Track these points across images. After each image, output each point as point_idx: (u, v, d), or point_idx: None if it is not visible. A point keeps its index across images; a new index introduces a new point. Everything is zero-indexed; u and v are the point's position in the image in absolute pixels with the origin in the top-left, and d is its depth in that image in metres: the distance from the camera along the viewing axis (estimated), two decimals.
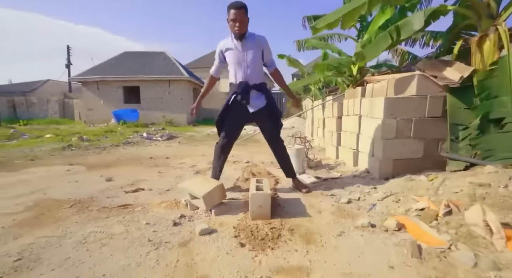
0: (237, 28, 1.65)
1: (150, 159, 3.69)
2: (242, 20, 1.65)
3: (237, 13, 1.63)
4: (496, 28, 1.74)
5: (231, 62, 1.78)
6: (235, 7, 1.64)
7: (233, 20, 1.64)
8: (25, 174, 2.75)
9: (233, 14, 1.63)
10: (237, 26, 1.65)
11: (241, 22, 1.65)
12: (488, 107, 1.72)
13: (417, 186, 1.75)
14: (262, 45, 1.77)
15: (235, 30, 1.67)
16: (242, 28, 1.66)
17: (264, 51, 1.79)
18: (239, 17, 1.63)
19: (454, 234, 1.14)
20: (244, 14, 1.66)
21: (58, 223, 1.40)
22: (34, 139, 5.94)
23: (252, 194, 1.46)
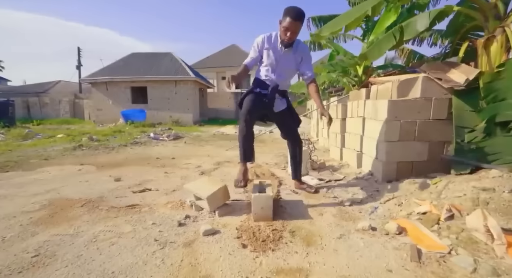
0: (287, 37, 1.60)
1: (157, 159, 3.78)
2: (295, 32, 1.60)
3: (293, 24, 1.56)
4: (504, 30, 1.71)
5: (267, 62, 1.75)
6: (294, 17, 1.55)
7: (286, 29, 1.58)
8: (40, 173, 2.87)
9: (288, 23, 1.55)
10: (288, 36, 1.59)
11: (293, 33, 1.59)
12: (495, 110, 1.70)
13: (420, 190, 1.74)
14: (303, 54, 1.75)
15: (284, 38, 1.62)
16: (292, 38, 1.62)
17: (303, 59, 1.76)
18: (293, 28, 1.57)
19: (455, 239, 1.15)
20: (300, 25, 1.60)
21: (71, 222, 1.47)
22: (47, 138, 6.15)
23: (255, 196, 1.48)
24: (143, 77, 12.11)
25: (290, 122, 1.95)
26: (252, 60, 1.77)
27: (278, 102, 1.84)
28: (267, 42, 1.71)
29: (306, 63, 1.78)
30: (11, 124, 9.36)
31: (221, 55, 21.06)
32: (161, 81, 12.10)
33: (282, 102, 1.87)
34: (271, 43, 1.71)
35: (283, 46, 1.67)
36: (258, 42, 1.73)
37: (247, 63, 1.77)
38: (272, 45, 1.71)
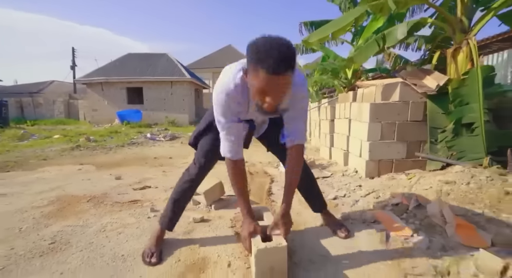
0: (268, 106, 0.81)
1: (154, 159, 3.91)
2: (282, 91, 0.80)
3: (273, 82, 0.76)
4: (468, 42, 1.92)
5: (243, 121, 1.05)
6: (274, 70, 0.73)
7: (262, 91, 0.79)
8: (41, 172, 2.98)
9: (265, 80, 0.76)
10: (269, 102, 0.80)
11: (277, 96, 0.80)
12: (461, 113, 1.90)
13: (396, 184, 1.94)
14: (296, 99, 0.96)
15: (261, 106, 0.83)
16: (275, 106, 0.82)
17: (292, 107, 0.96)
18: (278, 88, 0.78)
19: (418, 224, 1.33)
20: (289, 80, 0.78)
21: (79, 215, 1.61)
22: (43, 139, 6.20)
23: (259, 250, 0.88)
24: (139, 78, 12.16)
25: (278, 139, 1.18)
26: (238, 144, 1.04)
27: (259, 128, 1.23)
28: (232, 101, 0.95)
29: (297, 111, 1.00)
30: (4, 125, 9.33)
31: (217, 56, 21.17)
32: (157, 82, 12.17)
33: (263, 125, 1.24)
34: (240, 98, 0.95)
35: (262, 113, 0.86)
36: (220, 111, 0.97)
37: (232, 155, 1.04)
38: (243, 101, 0.96)
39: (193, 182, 1.23)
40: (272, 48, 0.73)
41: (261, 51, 0.74)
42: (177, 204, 1.24)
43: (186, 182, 1.22)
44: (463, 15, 1.96)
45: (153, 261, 1.09)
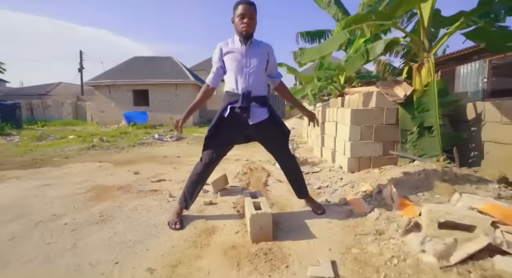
0: (245, 25, 1.41)
1: (164, 157, 4.35)
2: (252, 17, 1.43)
3: (247, 9, 1.41)
4: (429, 60, 2.32)
5: (231, 68, 1.51)
6: (246, 2, 1.42)
7: (242, 15, 1.41)
8: (67, 168, 3.42)
9: (242, 9, 1.41)
10: (246, 22, 1.41)
11: (250, 19, 1.42)
12: (423, 118, 2.31)
13: (370, 177, 2.35)
14: (269, 53, 1.56)
15: (242, 28, 1.42)
16: (251, 25, 1.43)
17: (270, 60, 1.57)
18: (248, 13, 1.41)
19: (377, 204, 1.74)
20: (254, 12, 1.45)
21: (114, 199, 2.05)
22: (59, 139, 6.68)
23: (253, 215, 1.30)
24: (145, 81, 12.64)
25: (275, 136, 1.63)
26: (214, 75, 1.55)
27: (256, 111, 1.53)
28: (225, 47, 1.52)
29: (274, 64, 1.62)
30: (18, 126, 9.84)
31: None
32: (162, 84, 12.65)
33: (261, 111, 1.55)
34: (230, 46, 1.52)
35: (243, 41, 1.48)
36: (215, 52, 1.54)
37: (210, 81, 1.57)
38: (231, 47, 1.51)
39: (200, 176, 1.60)
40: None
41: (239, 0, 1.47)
42: (190, 191, 1.62)
43: (195, 175, 1.61)
44: (425, 38, 2.36)
45: (177, 227, 1.54)
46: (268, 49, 1.57)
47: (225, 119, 1.54)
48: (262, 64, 1.54)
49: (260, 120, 1.55)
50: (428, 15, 2.26)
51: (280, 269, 1.12)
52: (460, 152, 2.30)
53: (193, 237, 1.44)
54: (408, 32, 2.48)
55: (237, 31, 1.49)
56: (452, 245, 0.97)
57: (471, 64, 4.15)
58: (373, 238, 1.34)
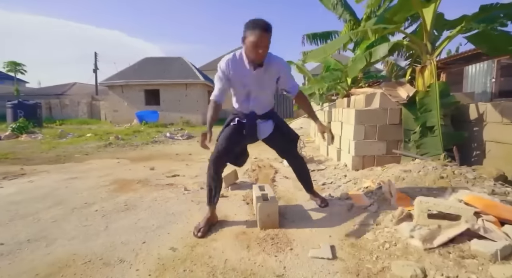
0: (259, 55, 1.34)
1: (176, 155, 4.58)
2: (267, 46, 1.34)
3: (264, 38, 1.30)
4: (431, 62, 2.41)
5: (238, 90, 1.52)
6: (263, 28, 1.30)
7: (256, 45, 1.31)
8: (88, 164, 3.70)
9: (258, 36, 1.29)
10: (261, 53, 1.33)
11: (265, 48, 1.33)
12: (425, 118, 2.40)
13: (372, 174, 2.46)
14: (279, 71, 1.49)
15: (254, 57, 1.36)
16: (264, 55, 1.37)
17: (281, 78, 1.52)
18: (265, 42, 1.32)
19: (376, 199, 1.87)
20: (269, 39, 1.34)
21: (135, 191, 2.27)
22: (78, 137, 7.07)
23: (261, 204, 1.46)
24: (156, 81, 13.04)
25: (283, 144, 1.72)
26: (220, 93, 1.50)
27: (262, 127, 1.61)
28: (232, 65, 1.46)
29: (286, 80, 1.53)
30: (39, 125, 10.39)
31: None
32: (173, 84, 13.01)
33: (267, 125, 1.62)
34: (237, 65, 1.45)
35: (253, 66, 1.42)
36: (222, 68, 1.48)
37: (217, 99, 1.49)
38: (239, 67, 1.45)
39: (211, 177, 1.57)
40: (261, 20, 1.34)
41: (255, 21, 1.33)
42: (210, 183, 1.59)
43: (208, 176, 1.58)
44: (427, 41, 2.44)
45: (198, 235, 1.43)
46: (279, 68, 1.49)
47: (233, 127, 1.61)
48: (271, 86, 1.54)
49: (267, 134, 1.64)
50: (431, 19, 2.34)
51: (285, 251, 1.28)
52: (462, 151, 2.38)
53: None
54: (411, 35, 2.57)
55: (248, 55, 1.41)
56: (435, 230, 1.10)
57: (480, 64, 4.14)
58: (370, 227, 1.47)
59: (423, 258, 1.05)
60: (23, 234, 1.45)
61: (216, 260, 1.20)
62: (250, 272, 1.10)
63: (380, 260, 1.13)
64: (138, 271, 1.12)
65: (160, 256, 1.24)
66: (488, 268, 0.95)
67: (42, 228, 1.54)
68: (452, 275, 0.91)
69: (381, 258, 1.14)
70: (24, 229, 1.52)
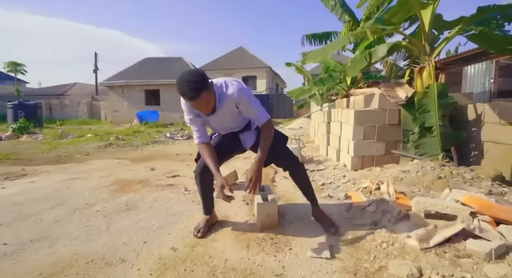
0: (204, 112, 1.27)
1: (177, 155, 4.60)
2: (205, 104, 1.20)
3: (195, 104, 1.18)
4: (430, 63, 2.42)
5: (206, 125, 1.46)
6: (189, 97, 1.14)
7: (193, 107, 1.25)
8: (89, 164, 3.72)
9: (190, 104, 1.20)
10: (204, 111, 1.26)
11: (203, 107, 1.22)
12: (423, 119, 2.42)
13: (371, 174, 2.48)
14: (236, 103, 1.31)
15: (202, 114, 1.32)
16: (209, 109, 1.26)
17: (241, 109, 1.34)
18: (197, 105, 1.19)
19: (375, 199, 1.89)
20: (206, 97, 1.17)
21: (136, 192, 2.29)
22: (78, 138, 7.10)
23: (259, 204, 1.46)
24: (156, 81, 13.06)
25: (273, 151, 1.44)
26: (201, 133, 1.39)
27: (246, 136, 1.53)
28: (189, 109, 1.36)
29: (247, 109, 1.34)
30: (39, 125, 10.41)
31: (228, 58, 21.87)
32: (173, 84, 12.86)
33: (249, 133, 1.53)
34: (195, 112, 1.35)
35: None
36: (187, 112, 1.38)
37: (200, 140, 1.39)
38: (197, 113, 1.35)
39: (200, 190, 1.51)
40: (182, 84, 1.12)
41: (179, 87, 1.14)
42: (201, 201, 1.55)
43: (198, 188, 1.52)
44: (426, 42, 2.46)
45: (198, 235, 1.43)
46: (234, 101, 1.30)
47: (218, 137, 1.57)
48: (233, 114, 1.39)
49: (252, 144, 1.53)
50: (429, 21, 2.36)
51: (284, 251, 1.30)
52: (461, 152, 2.40)
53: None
54: (409, 36, 2.59)
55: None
56: (432, 230, 1.12)
57: (478, 64, 4.16)
58: (368, 227, 1.49)
59: (420, 258, 1.06)
60: (26, 234, 1.47)
61: (216, 259, 1.22)
62: (249, 272, 1.12)
63: (377, 259, 1.15)
64: (139, 271, 1.14)
65: (161, 256, 1.26)
66: (483, 267, 0.97)
67: (45, 228, 1.56)
68: (448, 274, 0.93)
69: (379, 257, 1.16)
70: (27, 229, 1.54)
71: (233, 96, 1.29)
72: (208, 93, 1.18)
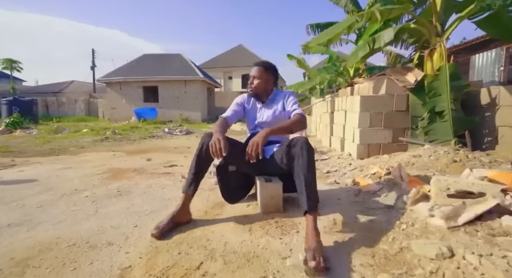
0: (253, 86, 1.51)
1: (175, 148, 4.46)
2: (259, 77, 1.49)
3: (255, 70, 1.50)
4: (441, 44, 2.30)
5: (250, 121, 1.60)
6: (255, 64, 1.53)
7: (250, 77, 1.52)
8: (84, 156, 3.57)
9: (251, 71, 1.52)
10: (254, 84, 1.50)
11: (256, 79, 1.49)
12: (434, 103, 2.29)
13: (379, 161, 2.35)
14: (283, 99, 1.53)
15: (251, 89, 1.52)
16: (258, 86, 1.50)
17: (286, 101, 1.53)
18: (255, 73, 1.49)
19: (385, 184, 1.76)
20: (265, 74, 1.49)
21: (130, 179, 2.15)
22: (74, 132, 6.94)
23: (262, 185, 1.33)
24: (154, 78, 12.90)
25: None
26: (233, 113, 1.52)
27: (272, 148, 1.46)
28: (247, 101, 1.60)
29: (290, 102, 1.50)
30: (35, 122, 10.23)
31: (228, 56, 21.74)
32: (172, 81, 12.87)
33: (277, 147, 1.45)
34: (250, 101, 1.59)
35: (258, 101, 1.56)
36: (238, 99, 1.61)
37: (228, 117, 1.48)
38: (252, 103, 1.59)
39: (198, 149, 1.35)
40: (260, 60, 1.58)
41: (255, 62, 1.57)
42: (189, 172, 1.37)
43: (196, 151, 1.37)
44: (437, 22, 2.33)
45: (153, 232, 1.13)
46: (284, 94, 1.57)
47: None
48: (276, 117, 1.51)
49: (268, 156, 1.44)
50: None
51: (290, 233, 1.16)
52: (473, 137, 2.28)
53: (206, 208, 1.51)
54: (419, 17, 2.46)
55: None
56: (460, 207, 0.99)
57: (487, 52, 4.03)
58: (381, 210, 1.36)
59: (447, 237, 0.93)
60: (3, 219, 1.33)
61: (215, 242, 1.09)
62: (253, 255, 0.99)
63: (397, 241, 1.02)
64: (128, 254, 1.00)
65: (153, 239, 1.12)
66: None
67: (26, 212, 1.42)
68: (485, 253, 0.80)
69: (398, 239, 1.03)
70: (6, 214, 1.40)
71: (284, 92, 1.60)
72: (267, 75, 1.52)
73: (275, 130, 1.26)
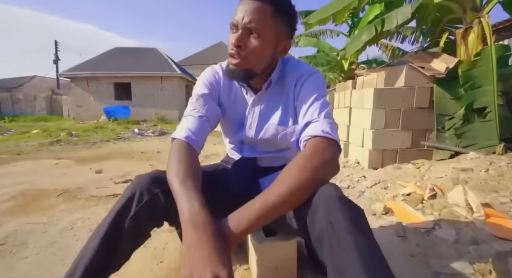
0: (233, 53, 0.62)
1: (141, 153, 3.65)
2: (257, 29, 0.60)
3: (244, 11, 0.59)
4: (480, 21, 1.80)
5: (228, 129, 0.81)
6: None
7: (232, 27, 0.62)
8: (12, 167, 2.67)
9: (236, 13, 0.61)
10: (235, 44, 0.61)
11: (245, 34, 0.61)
12: (472, 97, 1.77)
13: (404, 173, 1.79)
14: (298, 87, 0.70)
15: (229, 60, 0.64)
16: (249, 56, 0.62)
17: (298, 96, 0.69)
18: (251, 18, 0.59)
19: (437, 215, 1.18)
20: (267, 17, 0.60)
21: (44, 211, 1.37)
22: (20, 134, 5.77)
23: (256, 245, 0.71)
24: (127, 73, 11.68)
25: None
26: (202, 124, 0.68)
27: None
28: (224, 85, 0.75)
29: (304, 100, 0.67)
30: None
31: (208, 53, 20.77)
32: (146, 77, 11.74)
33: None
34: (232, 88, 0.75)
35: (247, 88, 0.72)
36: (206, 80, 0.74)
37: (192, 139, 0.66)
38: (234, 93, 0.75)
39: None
40: None
41: None
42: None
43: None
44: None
45: None
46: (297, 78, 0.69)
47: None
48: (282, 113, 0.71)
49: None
50: None
51: None
52: None
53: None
54: None
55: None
56: None
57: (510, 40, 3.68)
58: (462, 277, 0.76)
59: None
60: None
61: None
62: None
63: None
64: None
65: None
66: None
67: None
68: None
69: None
70: None
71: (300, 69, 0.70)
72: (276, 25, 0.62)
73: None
